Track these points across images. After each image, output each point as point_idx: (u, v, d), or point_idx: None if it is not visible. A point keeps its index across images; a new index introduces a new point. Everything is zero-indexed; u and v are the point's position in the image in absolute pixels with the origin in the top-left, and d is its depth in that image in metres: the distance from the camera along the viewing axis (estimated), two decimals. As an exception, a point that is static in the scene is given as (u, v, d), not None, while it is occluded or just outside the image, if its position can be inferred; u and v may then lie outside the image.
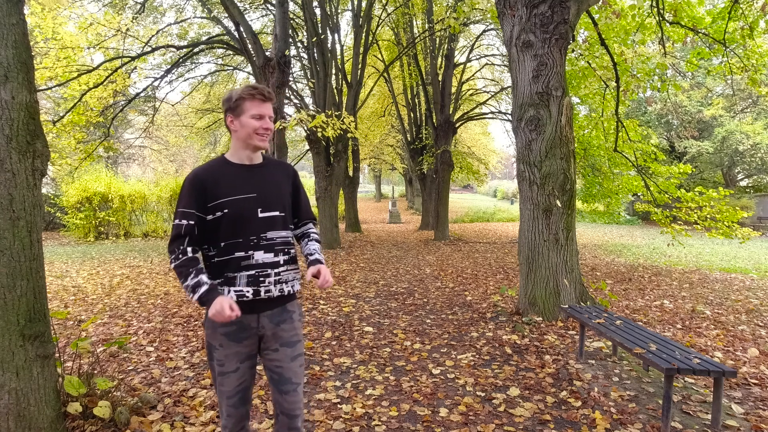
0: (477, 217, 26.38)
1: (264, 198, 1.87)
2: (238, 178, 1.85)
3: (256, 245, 1.83)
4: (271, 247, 1.86)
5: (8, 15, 2.27)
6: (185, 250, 1.78)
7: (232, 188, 1.83)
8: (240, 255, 1.81)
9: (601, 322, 3.70)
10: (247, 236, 1.82)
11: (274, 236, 1.87)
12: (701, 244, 14.22)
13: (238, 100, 1.83)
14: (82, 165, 10.93)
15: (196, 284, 1.73)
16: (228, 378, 1.85)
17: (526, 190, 5.22)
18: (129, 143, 24.18)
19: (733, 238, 7.61)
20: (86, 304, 6.05)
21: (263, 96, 1.84)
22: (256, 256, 1.83)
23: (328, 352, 4.18)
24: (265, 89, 1.87)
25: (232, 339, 1.84)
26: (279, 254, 1.88)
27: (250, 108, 1.83)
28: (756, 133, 19.27)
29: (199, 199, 1.80)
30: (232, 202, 1.81)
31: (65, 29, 8.96)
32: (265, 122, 1.85)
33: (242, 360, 1.86)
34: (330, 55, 12.19)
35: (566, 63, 5.76)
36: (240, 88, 1.88)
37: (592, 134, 9.50)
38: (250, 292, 1.82)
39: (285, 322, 1.91)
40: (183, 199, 1.81)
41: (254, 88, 1.85)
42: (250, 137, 1.84)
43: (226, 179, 1.83)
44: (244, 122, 1.84)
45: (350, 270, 8.98)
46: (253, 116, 1.83)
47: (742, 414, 2.96)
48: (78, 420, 2.59)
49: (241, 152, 1.89)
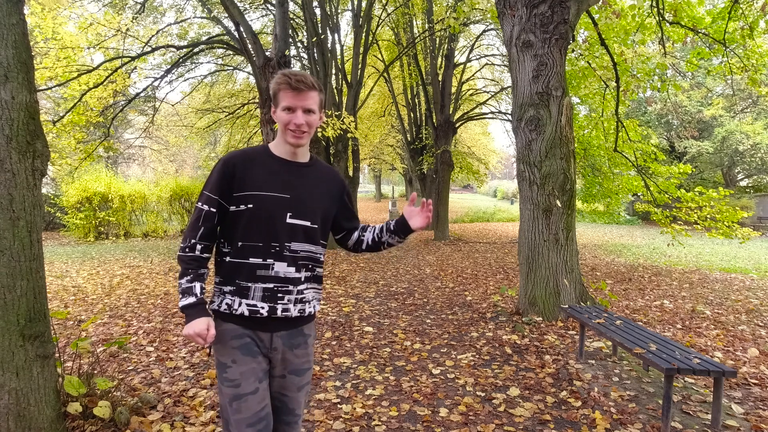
0: (477, 217, 26.39)
1: (297, 202, 1.62)
2: (274, 173, 1.62)
3: (278, 255, 1.59)
4: (294, 261, 1.62)
5: (8, 15, 2.27)
6: (194, 246, 1.60)
7: (264, 182, 1.60)
8: (256, 262, 1.58)
9: (601, 322, 3.70)
10: (268, 241, 1.59)
11: (299, 248, 1.63)
12: (701, 244, 14.22)
13: (274, 90, 1.61)
14: (82, 165, 10.93)
15: (187, 290, 1.56)
16: (245, 402, 1.55)
17: (526, 190, 5.22)
18: (129, 143, 24.19)
19: (733, 238, 7.61)
20: (86, 304, 6.04)
21: (291, 85, 1.56)
22: (276, 267, 1.59)
23: (328, 352, 4.18)
24: (299, 75, 1.57)
25: (246, 353, 1.58)
26: (302, 270, 1.64)
27: (282, 99, 1.58)
28: (756, 133, 19.27)
29: (225, 185, 1.59)
30: (260, 197, 1.58)
31: (65, 29, 8.96)
32: (295, 117, 1.57)
33: (261, 379, 1.60)
34: (330, 55, 12.19)
35: (566, 63, 5.76)
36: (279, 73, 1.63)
37: (592, 134, 9.51)
38: (266, 309, 1.59)
39: (299, 347, 1.68)
40: (210, 182, 1.62)
41: (284, 75, 1.58)
42: (283, 132, 1.62)
43: (260, 170, 1.61)
44: (278, 115, 1.61)
45: (350, 270, 8.98)
46: (283, 109, 1.58)
47: (742, 414, 2.96)
48: (78, 420, 2.59)
49: (283, 146, 1.65)
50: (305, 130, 1.59)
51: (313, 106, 1.59)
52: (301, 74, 1.57)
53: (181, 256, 1.61)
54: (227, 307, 1.60)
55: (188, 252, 1.60)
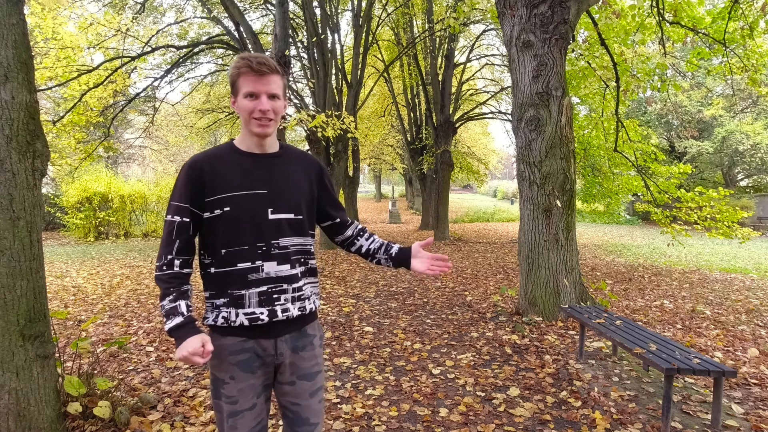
0: (477, 217, 26.39)
1: (276, 196, 1.52)
2: (245, 170, 1.50)
3: (266, 254, 1.50)
4: (286, 257, 1.52)
5: (8, 15, 2.27)
6: (172, 262, 1.47)
7: (237, 181, 1.48)
8: (245, 266, 1.48)
9: (601, 322, 3.70)
10: (253, 242, 1.48)
11: (288, 243, 1.53)
12: (701, 244, 14.22)
13: (233, 76, 1.47)
14: (82, 165, 10.93)
15: (171, 311, 1.42)
16: (242, 418, 1.50)
17: (526, 190, 5.22)
18: (129, 143, 24.19)
19: (733, 238, 7.61)
20: (86, 304, 6.04)
21: (252, 68, 1.42)
22: (266, 267, 1.49)
23: (328, 352, 4.18)
24: (260, 57, 1.44)
25: (245, 369, 1.50)
26: (296, 265, 1.55)
27: (243, 85, 1.45)
28: (756, 133, 19.28)
29: (194, 191, 1.46)
30: (235, 198, 1.47)
31: (65, 29, 8.96)
32: (260, 102, 1.44)
33: (258, 394, 1.53)
34: (330, 55, 12.19)
35: (566, 63, 5.76)
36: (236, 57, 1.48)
37: (592, 134, 9.51)
38: (265, 314, 1.49)
39: (305, 349, 1.58)
40: (177, 190, 1.48)
41: (243, 58, 1.44)
42: (247, 122, 1.48)
43: (230, 169, 1.49)
44: (239, 104, 1.47)
45: (350, 270, 8.98)
46: (245, 95, 1.45)
47: (742, 414, 2.96)
48: (78, 420, 2.59)
49: (248, 139, 1.53)
50: (271, 117, 1.46)
51: (278, 91, 1.47)
52: (262, 56, 1.44)
53: (158, 276, 1.48)
54: (224, 320, 1.49)
55: (166, 270, 1.47)
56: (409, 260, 1.69)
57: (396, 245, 1.74)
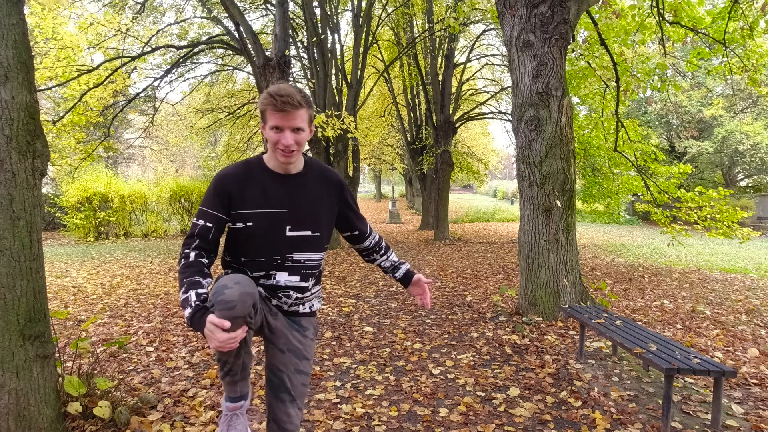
0: (477, 217, 26.39)
1: (296, 214, 1.63)
2: (270, 188, 1.62)
3: (280, 266, 1.64)
4: (297, 270, 1.66)
5: (8, 15, 2.27)
6: (188, 255, 1.57)
7: (261, 199, 1.60)
8: (259, 275, 1.64)
9: (601, 322, 3.70)
10: (270, 255, 1.62)
11: (301, 258, 1.66)
12: (701, 244, 14.22)
13: (261, 108, 1.57)
14: (82, 165, 10.93)
15: (184, 302, 1.47)
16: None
17: (526, 190, 5.22)
18: (129, 143, 24.19)
19: (733, 238, 7.61)
20: (86, 304, 6.04)
21: (276, 107, 1.51)
22: (278, 277, 1.64)
23: (328, 352, 4.18)
24: (285, 96, 1.49)
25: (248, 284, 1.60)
26: (308, 278, 1.70)
27: (269, 118, 1.54)
28: (756, 133, 19.28)
29: (222, 201, 1.60)
30: (258, 215, 1.60)
31: (65, 29, 8.96)
32: (284, 137, 1.53)
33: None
34: (330, 55, 12.19)
35: (566, 63, 5.76)
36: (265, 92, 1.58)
37: (592, 134, 9.51)
38: (273, 302, 1.70)
39: (297, 332, 1.72)
40: (207, 198, 1.61)
41: (270, 96, 1.52)
42: (273, 150, 1.59)
43: (255, 187, 1.60)
44: (266, 133, 1.57)
45: (350, 270, 8.98)
46: (271, 128, 1.55)
47: (742, 414, 2.96)
48: (78, 420, 2.59)
49: (274, 160, 1.63)
50: (294, 149, 1.56)
51: (302, 125, 1.55)
52: (286, 93, 1.50)
53: (178, 271, 1.57)
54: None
55: (182, 261, 1.57)
56: (408, 284, 1.96)
57: (403, 267, 1.96)
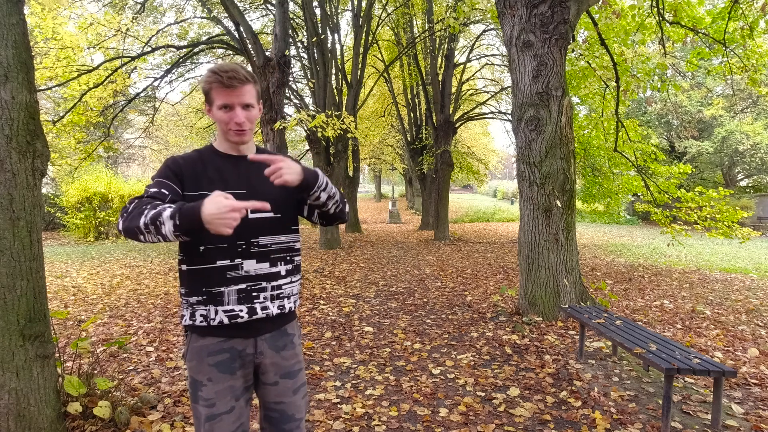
0: (477, 217, 26.39)
1: (253, 195, 1.52)
2: (224, 170, 1.53)
3: (246, 252, 1.50)
4: (265, 255, 1.54)
5: (8, 15, 2.27)
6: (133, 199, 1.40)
7: (216, 180, 1.50)
8: (224, 263, 1.48)
9: (601, 322, 3.70)
10: (233, 240, 1.48)
11: (269, 242, 1.55)
12: (701, 244, 14.22)
13: (205, 88, 1.48)
14: (82, 165, 10.93)
15: (155, 215, 1.27)
16: (221, 422, 1.48)
17: (526, 190, 5.22)
18: (129, 143, 24.20)
19: (733, 238, 7.61)
20: (86, 304, 6.04)
21: (223, 83, 1.43)
22: (246, 266, 1.50)
23: (328, 352, 4.18)
24: (230, 71, 1.44)
25: (224, 370, 1.49)
26: (278, 263, 1.57)
27: (216, 97, 1.46)
28: (756, 133, 19.28)
29: (177, 179, 1.47)
30: None
31: (65, 29, 8.96)
32: (235, 115, 1.46)
33: (238, 396, 1.51)
34: (330, 55, 12.19)
35: (566, 63, 5.76)
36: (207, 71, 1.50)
37: (592, 134, 9.50)
38: (245, 311, 1.49)
39: (286, 348, 1.60)
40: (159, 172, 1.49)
41: (214, 73, 1.45)
42: (224, 132, 1.51)
43: (209, 169, 1.52)
44: (215, 114, 1.49)
45: (350, 270, 8.98)
46: (219, 107, 1.47)
47: (742, 414, 2.96)
48: (78, 420, 2.59)
49: (226, 143, 1.55)
50: (247, 127, 1.49)
51: (251, 100, 1.49)
52: (231, 68, 1.45)
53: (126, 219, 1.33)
54: (203, 318, 1.48)
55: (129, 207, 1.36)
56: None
57: None
